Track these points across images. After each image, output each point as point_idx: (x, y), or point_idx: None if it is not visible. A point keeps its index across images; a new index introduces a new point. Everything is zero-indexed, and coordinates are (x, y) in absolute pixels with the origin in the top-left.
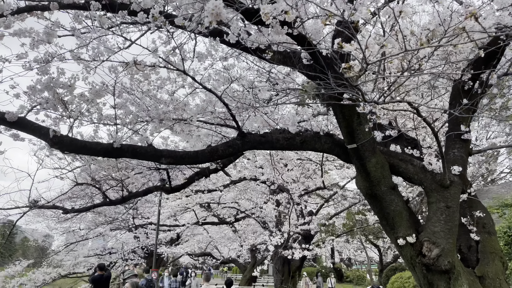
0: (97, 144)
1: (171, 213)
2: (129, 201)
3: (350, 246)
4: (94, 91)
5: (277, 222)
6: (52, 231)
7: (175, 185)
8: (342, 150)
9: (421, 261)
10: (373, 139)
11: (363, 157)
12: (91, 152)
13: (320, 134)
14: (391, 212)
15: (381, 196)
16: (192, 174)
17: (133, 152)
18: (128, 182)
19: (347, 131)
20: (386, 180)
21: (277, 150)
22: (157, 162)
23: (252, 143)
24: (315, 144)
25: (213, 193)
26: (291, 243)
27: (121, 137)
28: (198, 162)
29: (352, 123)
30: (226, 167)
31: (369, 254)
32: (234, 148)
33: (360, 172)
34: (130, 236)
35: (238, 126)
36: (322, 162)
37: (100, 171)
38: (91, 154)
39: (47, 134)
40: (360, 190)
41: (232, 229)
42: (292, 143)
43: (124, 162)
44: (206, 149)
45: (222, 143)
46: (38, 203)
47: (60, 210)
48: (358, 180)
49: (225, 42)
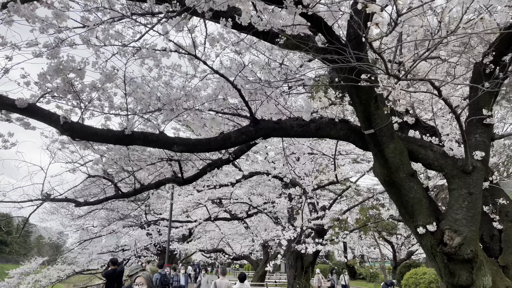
0: (108, 131)
1: (183, 208)
2: (141, 197)
3: (363, 243)
4: (104, 74)
5: (290, 217)
6: (66, 229)
7: (187, 177)
8: (359, 136)
9: (442, 250)
10: (391, 124)
11: (380, 143)
12: (102, 139)
13: (335, 121)
14: (410, 200)
15: (400, 183)
16: (205, 166)
17: (144, 139)
18: (140, 177)
19: (364, 116)
20: (404, 166)
21: (291, 137)
22: (169, 149)
23: (265, 129)
24: (330, 131)
25: (224, 189)
26: (304, 238)
27: (132, 124)
28: (210, 150)
29: (369, 107)
30: (238, 158)
31: (382, 251)
32: (247, 135)
33: (377, 159)
34: (142, 233)
35: (251, 112)
36: (335, 155)
37: (112, 164)
38: (102, 141)
39: (58, 120)
40: (378, 177)
41: (244, 225)
42: (307, 130)
43: (136, 154)
44: (218, 136)
45: (235, 130)
46: (51, 196)
47: (72, 203)
48: (375, 167)
49: (237, 26)
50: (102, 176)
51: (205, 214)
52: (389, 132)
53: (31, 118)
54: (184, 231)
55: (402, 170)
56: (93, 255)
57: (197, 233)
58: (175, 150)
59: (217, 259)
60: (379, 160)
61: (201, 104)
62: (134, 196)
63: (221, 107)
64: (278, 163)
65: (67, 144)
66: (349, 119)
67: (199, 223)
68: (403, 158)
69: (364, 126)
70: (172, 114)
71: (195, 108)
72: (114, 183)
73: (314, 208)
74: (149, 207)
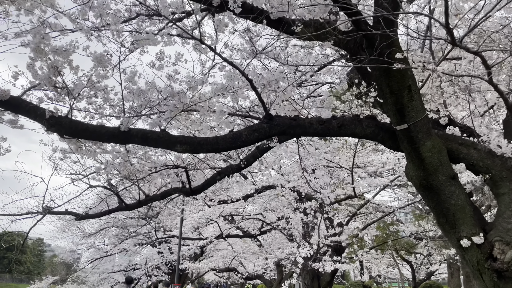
0: (101, 127)
1: (194, 225)
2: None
3: (380, 262)
4: (95, 57)
5: (304, 233)
6: (77, 247)
7: (195, 187)
8: (388, 134)
9: (491, 266)
10: (427, 118)
11: (415, 140)
12: (94, 136)
13: (361, 117)
14: (451, 207)
15: (439, 188)
16: (214, 174)
17: (143, 137)
18: (146, 190)
19: (396, 109)
20: (444, 167)
21: (310, 135)
22: (172, 149)
23: (281, 126)
24: (355, 129)
25: (236, 204)
26: (321, 255)
27: (129, 120)
28: (218, 149)
29: (402, 99)
30: (250, 164)
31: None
32: (260, 133)
33: (412, 159)
34: (154, 251)
35: (264, 106)
36: (353, 168)
37: (114, 173)
38: (94, 139)
39: (43, 115)
40: (412, 181)
41: (257, 243)
42: (328, 128)
43: (140, 163)
44: (227, 135)
45: (246, 127)
46: (52, 209)
47: (73, 215)
48: (409, 169)
49: (245, 11)
50: (104, 187)
51: (217, 231)
52: (425, 127)
53: (14, 112)
54: (195, 250)
55: (441, 172)
56: (103, 274)
57: (209, 252)
58: (178, 150)
59: (230, 278)
60: (414, 161)
61: (208, 98)
62: (144, 213)
63: (230, 103)
64: (292, 176)
65: (69, 154)
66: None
67: (211, 241)
68: (442, 157)
69: (396, 121)
70: (176, 110)
71: (202, 100)
72: (116, 192)
73: (330, 224)
74: (159, 224)
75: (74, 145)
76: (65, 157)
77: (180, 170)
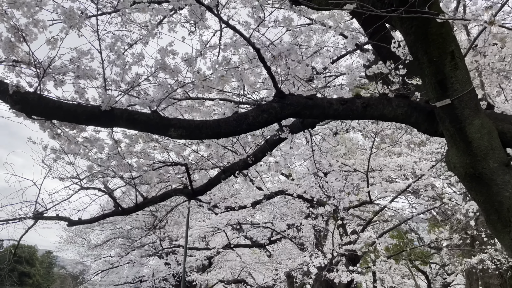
0: (78, 106)
1: (200, 234)
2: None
3: (394, 273)
4: (64, 12)
5: (317, 242)
6: (84, 258)
7: (198, 187)
8: (423, 115)
9: None
10: (474, 91)
11: (461, 119)
12: (70, 117)
13: (390, 96)
14: (505, 201)
15: (489, 177)
16: (218, 173)
17: (129, 119)
18: (143, 189)
19: (436, 81)
20: (496, 152)
21: (329, 118)
22: (165, 134)
23: (294, 106)
24: (384, 109)
25: (244, 212)
26: (334, 265)
27: (111, 97)
28: (220, 134)
29: (444, 67)
30: (258, 160)
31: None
32: (269, 114)
33: (455, 143)
34: (160, 263)
35: (274, 82)
36: (368, 170)
37: (107, 170)
38: (70, 120)
39: (6, 90)
40: (455, 170)
41: (267, 253)
42: (351, 108)
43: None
44: (231, 117)
45: (253, 108)
46: (43, 214)
47: (64, 221)
48: (451, 156)
49: None
50: (97, 188)
51: (224, 241)
52: (472, 102)
53: None
54: (203, 261)
55: (493, 157)
56: (110, 286)
57: (217, 263)
58: (172, 135)
59: None
60: (458, 145)
61: (207, 76)
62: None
63: (235, 91)
64: (303, 181)
65: (62, 155)
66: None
67: (218, 251)
68: (493, 140)
69: (436, 96)
70: (169, 90)
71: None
72: (108, 193)
73: (344, 232)
74: (164, 234)
75: (49, 130)
76: (59, 158)
77: (181, 171)
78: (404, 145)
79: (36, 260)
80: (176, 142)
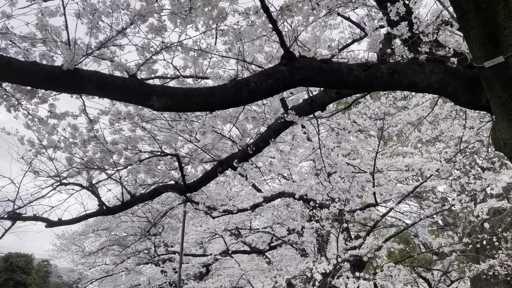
0: (33, 64)
1: (197, 240)
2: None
3: (396, 280)
4: None
5: (319, 247)
6: (78, 266)
7: (191, 183)
8: (464, 83)
9: None
10: None
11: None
12: (21, 77)
13: (422, 61)
14: None
15: None
16: (214, 165)
17: (100, 83)
18: (129, 181)
19: (485, 33)
20: None
21: (348, 87)
22: (144, 104)
23: (306, 71)
24: (414, 76)
25: (242, 216)
26: (336, 271)
27: (74, 54)
28: (214, 105)
29: (496, 15)
30: (260, 151)
31: None
32: (276, 79)
33: (508, 113)
34: (157, 270)
35: (282, 39)
36: (374, 171)
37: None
38: (22, 82)
39: None
40: (505, 148)
41: (266, 260)
42: (375, 75)
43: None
44: (228, 83)
45: (256, 73)
46: (21, 215)
47: (43, 222)
48: (501, 130)
49: None
50: (78, 184)
51: (222, 248)
52: None
53: None
54: (200, 269)
55: None
56: None
57: (215, 270)
58: (154, 105)
59: None
60: (511, 116)
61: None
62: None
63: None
64: (305, 183)
65: (43, 150)
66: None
67: (216, 258)
68: None
69: (484, 54)
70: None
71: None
72: (88, 188)
73: (349, 236)
74: (159, 240)
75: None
76: (38, 153)
77: (173, 166)
78: (412, 143)
79: (32, 269)
80: (166, 131)
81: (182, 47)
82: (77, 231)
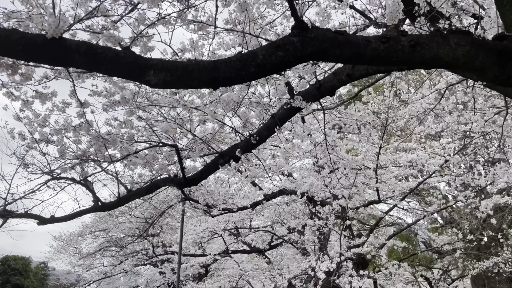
0: (13, 31)
1: (195, 239)
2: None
3: (396, 279)
4: None
5: (321, 245)
6: (75, 268)
7: (190, 176)
8: (492, 56)
9: None
10: None
11: None
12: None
13: (444, 33)
14: None
15: None
16: (215, 157)
17: (89, 55)
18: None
19: None
20: None
21: (364, 62)
22: (140, 80)
23: (320, 42)
24: (438, 49)
25: (242, 215)
26: (342, 271)
27: (60, 20)
28: (217, 81)
29: None
30: (264, 141)
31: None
32: (286, 52)
33: None
34: (155, 271)
35: (293, 7)
36: (377, 167)
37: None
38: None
39: None
40: None
41: (266, 260)
42: (395, 48)
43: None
44: (233, 57)
45: (264, 45)
46: (13, 213)
47: (35, 219)
48: None
49: None
50: (70, 179)
51: (221, 247)
52: None
53: None
54: (200, 269)
55: None
56: None
57: (215, 270)
58: (151, 81)
59: None
60: None
61: None
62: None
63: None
64: (306, 180)
65: (34, 144)
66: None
67: (215, 258)
68: None
69: None
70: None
71: None
72: (84, 183)
73: (351, 234)
74: (157, 240)
75: None
76: (31, 148)
77: (172, 160)
78: (416, 138)
79: (30, 271)
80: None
81: (181, 19)
82: (74, 232)
